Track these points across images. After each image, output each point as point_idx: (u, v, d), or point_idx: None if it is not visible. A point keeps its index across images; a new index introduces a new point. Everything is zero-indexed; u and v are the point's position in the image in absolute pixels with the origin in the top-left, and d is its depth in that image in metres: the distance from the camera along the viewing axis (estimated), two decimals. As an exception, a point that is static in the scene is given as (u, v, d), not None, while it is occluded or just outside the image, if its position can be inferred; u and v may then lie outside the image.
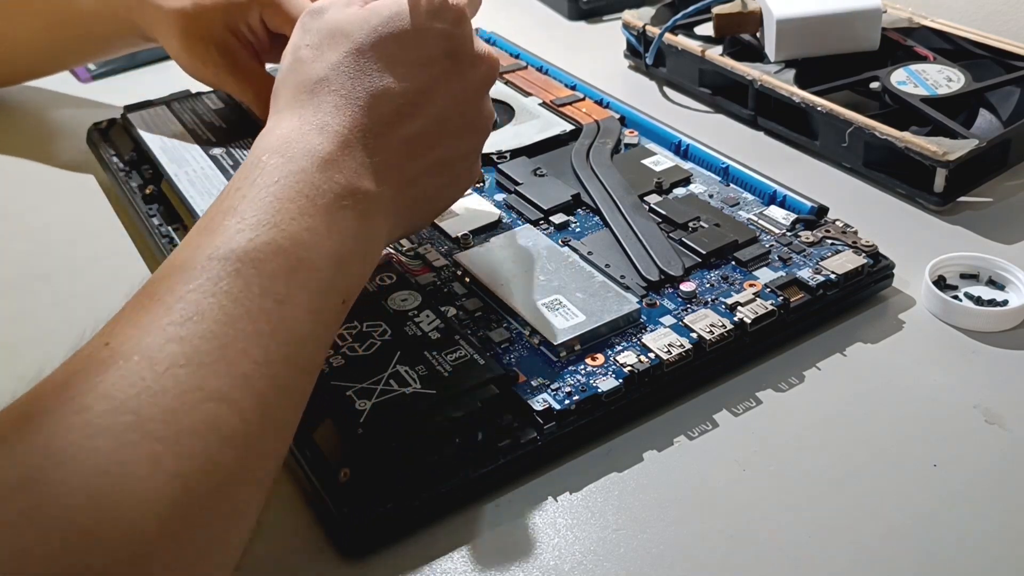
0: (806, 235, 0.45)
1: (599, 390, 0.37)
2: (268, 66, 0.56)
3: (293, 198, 0.33)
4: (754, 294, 0.41)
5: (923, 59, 0.59)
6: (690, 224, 0.46)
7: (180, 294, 0.29)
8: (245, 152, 0.54)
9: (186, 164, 0.53)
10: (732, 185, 0.50)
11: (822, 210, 0.47)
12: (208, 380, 0.28)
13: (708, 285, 0.42)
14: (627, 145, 0.54)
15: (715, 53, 0.62)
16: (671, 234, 0.46)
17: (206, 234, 0.31)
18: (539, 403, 0.36)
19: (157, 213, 0.51)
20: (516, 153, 0.53)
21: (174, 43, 0.55)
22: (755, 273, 0.43)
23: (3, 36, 0.63)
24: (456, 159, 0.40)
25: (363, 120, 0.36)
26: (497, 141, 0.54)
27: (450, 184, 0.41)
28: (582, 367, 0.38)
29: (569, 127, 0.55)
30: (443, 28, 0.38)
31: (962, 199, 0.51)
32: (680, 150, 0.53)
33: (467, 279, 0.43)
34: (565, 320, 0.39)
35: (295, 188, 0.33)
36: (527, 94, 0.60)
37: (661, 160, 0.52)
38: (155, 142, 0.55)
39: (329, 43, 0.37)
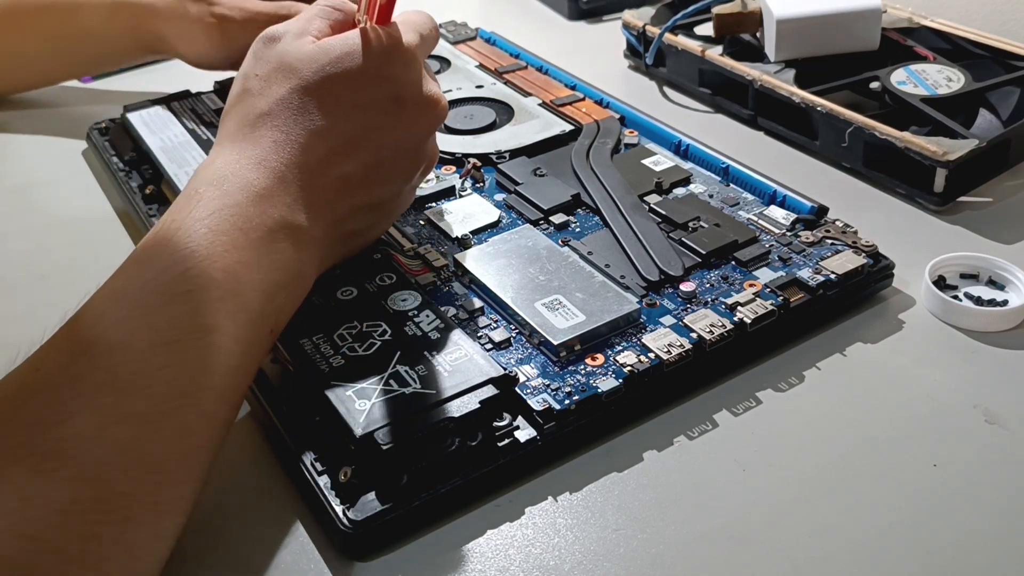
0: (806, 235, 0.45)
1: (599, 390, 0.37)
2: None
3: (227, 231, 0.33)
4: (754, 294, 0.41)
5: (923, 59, 0.59)
6: (690, 224, 0.46)
7: (111, 323, 0.30)
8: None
9: (186, 164, 0.53)
10: (732, 185, 0.50)
11: (822, 210, 0.47)
12: (130, 405, 0.29)
13: (708, 285, 0.42)
14: (627, 145, 0.54)
15: (715, 53, 0.62)
16: (671, 234, 0.46)
17: (142, 265, 0.33)
18: (539, 403, 0.36)
19: (157, 213, 0.51)
20: (516, 153, 0.53)
21: (187, 37, 0.57)
22: (755, 273, 0.43)
23: (11, 50, 0.63)
24: (389, 198, 0.41)
25: (300, 158, 0.36)
26: (497, 141, 0.54)
27: (380, 220, 0.42)
28: (582, 367, 0.38)
29: (569, 127, 0.55)
30: (391, 71, 0.38)
31: (962, 199, 0.51)
32: (680, 150, 0.53)
33: (467, 279, 0.43)
34: (565, 320, 0.39)
35: (229, 221, 0.34)
36: (527, 94, 0.60)
37: (661, 160, 0.52)
38: (155, 142, 0.55)
39: (276, 77, 0.38)
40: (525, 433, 0.36)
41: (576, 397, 0.37)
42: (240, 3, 0.57)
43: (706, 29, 0.66)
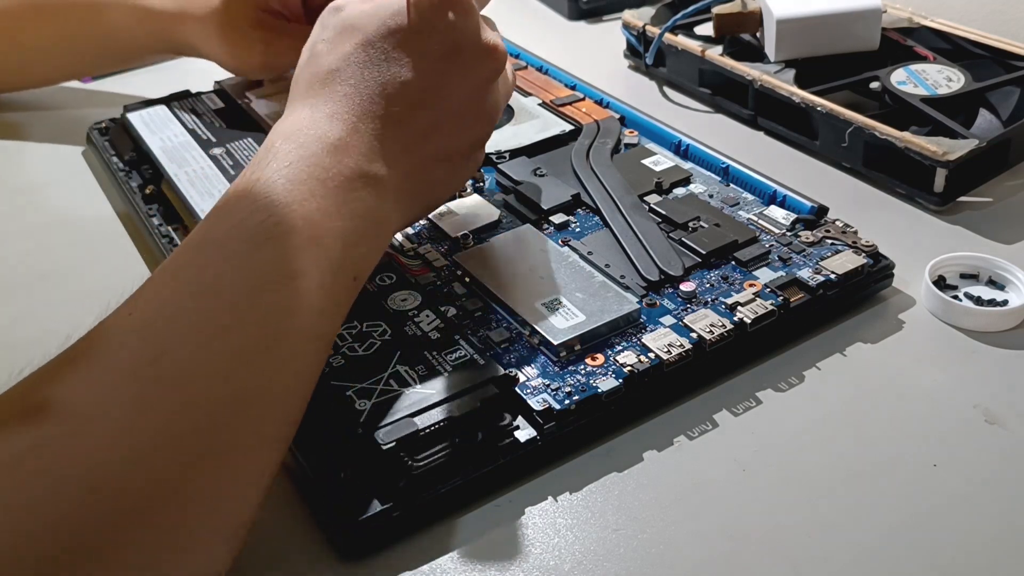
0: (806, 235, 0.45)
1: (599, 390, 0.37)
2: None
3: (304, 180, 0.34)
4: (754, 294, 0.41)
5: (923, 59, 0.59)
6: (690, 224, 0.46)
7: (199, 268, 0.32)
8: (245, 152, 0.54)
9: (186, 164, 0.53)
10: (732, 185, 0.50)
11: (822, 210, 0.47)
12: (226, 344, 0.30)
13: (708, 285, 0.42)
14: (627, 145, 0.54)
15: (715, 53, 0.62)
16: (671, 234, 0.46)
17: (223, 215, 0.34)
18: (539, 403, 0.36)
19: (157, 213, 0.51)
20: (516, 153, 0.53)
21: (214, 43, 0.57)
22: (755, 273, 0.43)
23: (21, 43, 0.63)
24: (460, 148, 0.41)
25: (371, 108, 0.37)
26: (497, 141, 0.54)
27: (454, 172, 0.42)
28: (582, 367, 0.38)
29: (569, 127, 0.55)
30: (449, 22, 0.39)
31: (962, 199, 0.51)
32: (680, 150, 0.53)
33: (467, 279, 0.43)
34: (565, 320, 0.39)
35: (306, 171, 0.34)
36: (527, 94, 0.60)
37: (661, 160, 0.52)
38: (155, 142, 0.55)
39: (342, 37, 0.39)
40: (525, 433, 0.36)
41: (576, 397, 0.37)
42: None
43: (706, 29, 0.66)
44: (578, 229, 0.47)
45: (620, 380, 0.37)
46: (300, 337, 0.32)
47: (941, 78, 0.56)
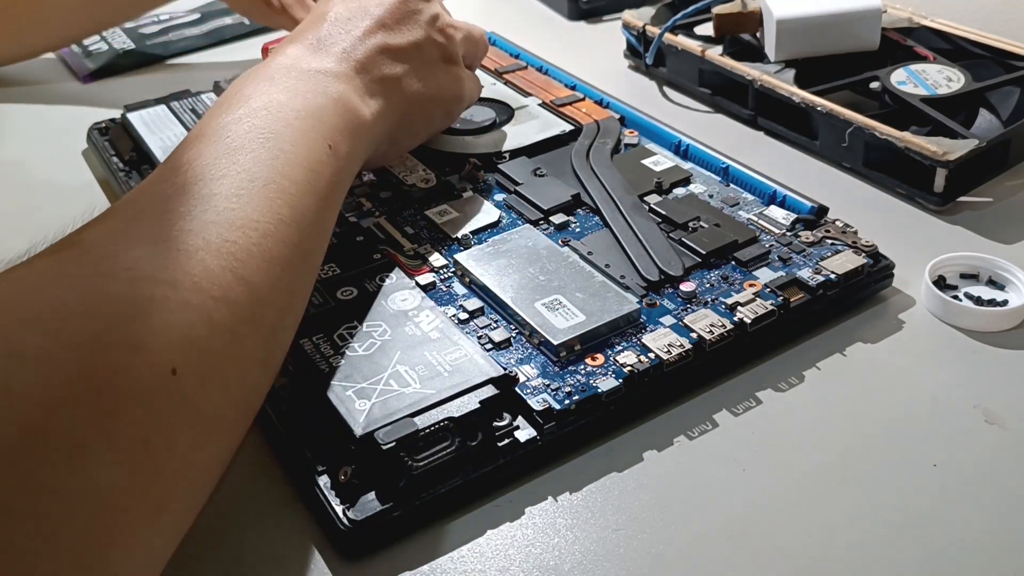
0: (806, 235, 0.45)
1: (599, 390, 0.37)
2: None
3: (266, 78, 0.40)
4: (754, 294, 0.41)
5: (923, 59, 0.59)
6: (690, 224, 0.46)
7: (182, 152, 0.36)
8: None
9: (186, 164, 0.52)
10: (732, 185, 0.50)
11: (822, 210, 0.47)
12: (221, 187, 0.33)
13: (708, 285, 0.42)
14: (627, 145, 0.54)
15: (715, 53, 0.62)
16: (671, 234, 0.46)
17: (203, 119, 0.38)
18: (539, 403, 0.36)
19: (157, 213, 0.51)
20: (516, 153, 0.53)
21: None
22: (755, 273, 0.43)
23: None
24: (410, 46, 0.46)
25: (313, 30, 0.45)
26: (497, 141, 0.54)
27: (419, 75, 0.47)
28: (582, 367, 0.38)
29: (569, 127, 0.55)
30: None
31: (962, 199, 0.51)
32: (680, 150, 0.53)
33: (467, 279, 0.43)
34: (565, 320, 0.39)
35: (265, 73, 0.41)
36: (527, 94, 0.60)
37: (661, 160, 0.52)
38: (155, 142, 0.55)
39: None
40: (525, 433, 0.36)
41: (576, 397, 0.37)
42: None
43: (706, 29, 0.66)
44: (578, 229, 0.47)
45: (620, 380, 0.37)
46: (296, 189, 0.35)
47: (941, 78, 0.56)
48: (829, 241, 0.45)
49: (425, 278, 0.44)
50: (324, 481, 0.34)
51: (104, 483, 0.25)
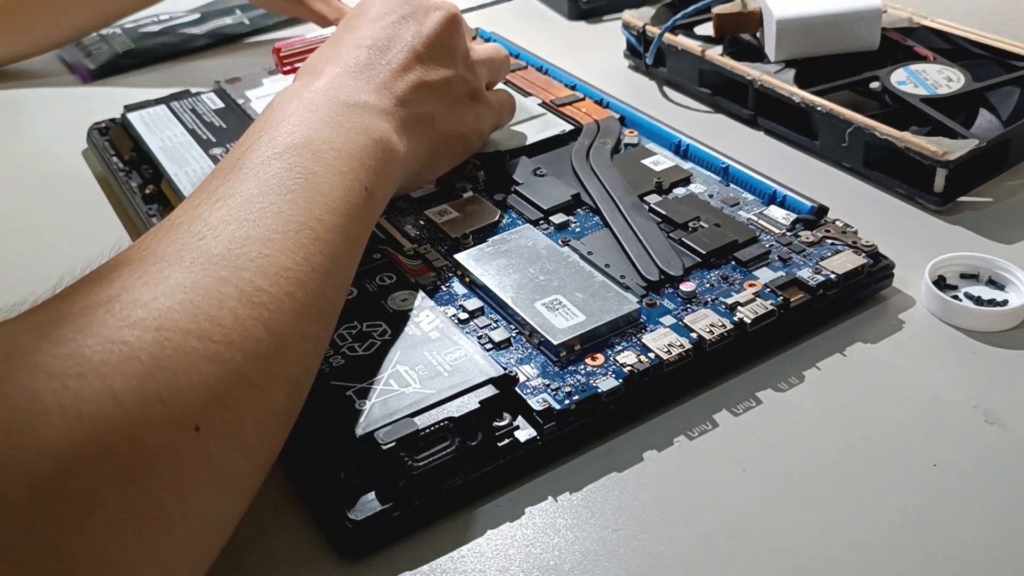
0: (806, 235, 0.45)
1: (599, 390, 0.37)
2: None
3: (300, 111, 0.39)
4: (754, 294, 0.41)
5: (923, 59, 0.59)
6: (690, 224, 0.46)
7: (220, 181, 0.35)
8: (245, 152, 0.54)
9: (186, 164, 0.53)
10: (732, 185, 0.50)
11: (822, 210, 0.47)
12: (255, 230, 0.32)
13: (708, 285, 0.42)
14: (627, 145, 0.54)
15: (715, 53, 0.62)
16: (671, 234, 0.46)
17: (238, 148, 0.38)
18: (539, 403, 0.36)
19: (157, 213, 0.51)
20: (516, 153, 0.53)
21: None
22: (755, 273, 0.43)
23: None
24: (444, 82, 0.46)
25: (346, 62, 0.44)
26: (497, 141, 0.54)
27: (453, 107, 0.47)
28: (582, 367, 0.38)
29: (569, 127, 0.55)
30: None
31: (962, 199, 0.51)
32: (680, 150, 0.53)
33: (467, 279, 0.43)
34: (565, 320, 0.39)
35: (301, 106, 0.40)
36: (527, 94, 0.60)
37: (661, 160, 0.52)
38: (155, 142, 0.55)
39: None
40: (525, 433, 0.36)
41: (576, 397, 0.37)
42: None
43: (706, 29, 0.66)
44: (578, 229, 0.47)
45: (620, 380, 0.37)
46: (323, 226, 0.35)
47: (941, 78, 0.56)
48: (829, 241, 0.45)
49: (425, 278, 0.44)
50: (324, 481, 0.34)
51: (114, 548, 0.24)
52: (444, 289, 0.43)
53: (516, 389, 0.37)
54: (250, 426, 0.29)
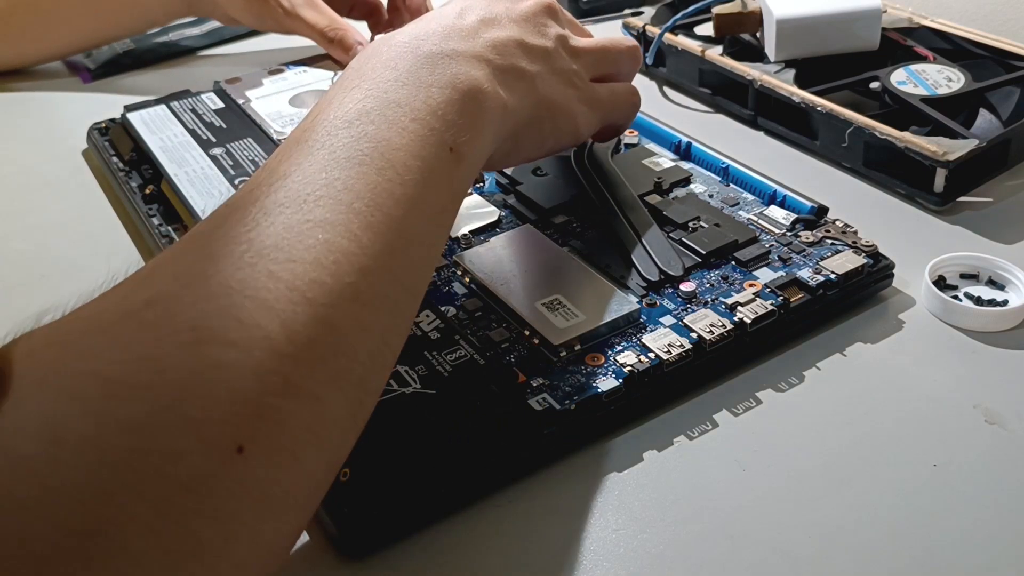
0: (806, 235, 0.45)
1: (599, 390, 0.37)
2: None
3: (380, 69, 0.35)
4: (754, 294, 0.41)
5: (923, 59, 0.59)
6: (690, 224, 0.46)
7: (283, 157, 0.32)
8: (245, 152, 0.54)
9: (186, 164, 0.53)
10: (732, 185, 0.50)
11: (822, 210, 0.47)
12: (315, 212, 0.29)
13: (708, 285, 0.42)
14: (627, 145, 0.54)
15: (715, 53, 0.62)
16: (671, 234, 0.46)
17: (308, 117, 0.34)
18: (539, 403, 0.36)
19: (157, 213, 0.51)
20: (516, 153, 0.53)
21: (237, 5, 0.66)
22: (755, 273, 0.43)
23: (41, 8, 0.66)
24: (542, 49, 0.41)
25: (431, 23, 0.39)
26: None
27: (555, 75, 0.42)
28: (582, 367, 0.38)
29: (569, 127, 0.55)
30: None
31: (962, 199, 0.51)
32: (680, 150, 0.53)
33: (467, 279, 0.43)
34: (565, 320, 0.39)
35: (381, 63, 0.36)
36: (527, 94, 0.60)
37: (661, 160, 0.52)
38: (155, 142, 0.55)
39: None
40: (525, 432, 0.36)
41: (576, 397, 0.37)
42: None
43: (706, 29, 0.66)
44: (578, 229, 0.47)
45: (620, 380, 0.37)
46: (391, 201, 0.31)
47: (941, 78, 0.56)
48: (829, 241, 0.45)
49: (425, 278, 0.44)
50: (324, 481, 0.34)
51: None
52: (444, 289, 0.43)
53: (516, 389, 0.37)
54: (304, 441, 0.26)
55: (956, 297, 0.44)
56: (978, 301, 0.43)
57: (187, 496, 0.23)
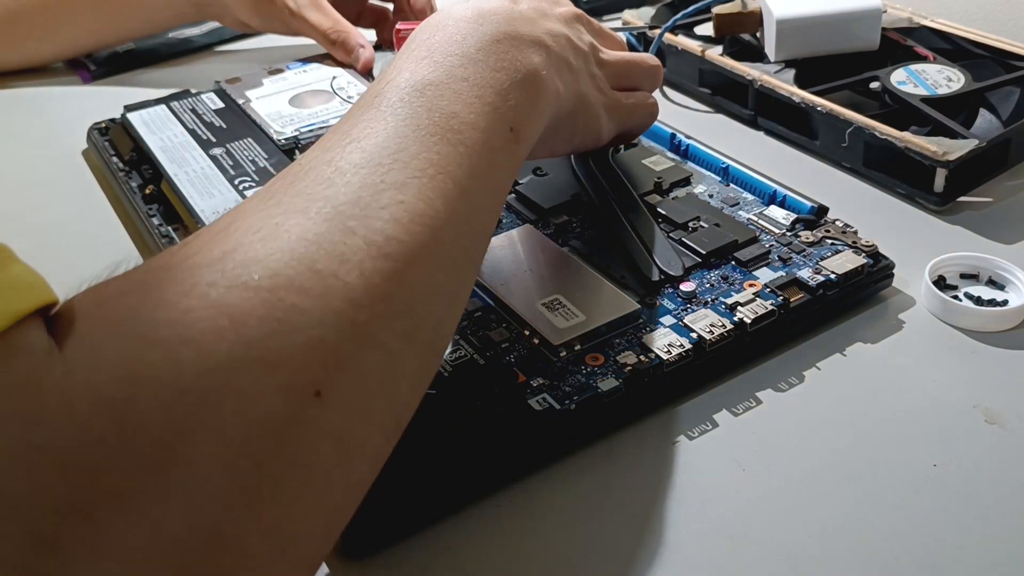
0: (806, 235, 0.45)
1: (599, 390, 0.37)
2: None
3: (439, 48, 0.36)
4: (754, 294, 0.41)
5: (923, 59, 0.59)
6: (690, 224, 0.46)
7: (356, 120, 0.33)
8: (245, 152, 0.54)
9: (186, 164, 0.53)
10: (732, 185, 0.50)
11: (822, 210, 0.47)
12: (390, 175, 0.30)
13: (708, 285, 0.42)
14: (627, 145, 0.54)
15: (715, 53, 0.62)
16: (671, 234, 0.46)
17: (379, 82, 0.35)
18: (539, 403, 0.36)
19: (157, 213, 0.51)
20: (516, 153, 0.53)
21: (245, 7, 0.67)
22: (755, 273, 0.43)
23: (50, 7, 0.66)
24: (578, 48, 0.43)
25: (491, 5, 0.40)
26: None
27: (590, 76, 0.43)
28: (582, 367, 0.38)
29: (569, 127, 0.55)
30: None
31: (962, 199, 0.51)
32: (680, 150, 0.53)
33: (467, 279, 0.43)
34: (565, 320, 0.39)
35: (443, 42, 0.37)
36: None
37: (661, 160, 0.52)
38: (155, 142, 0.55)
39: None
40: (525, 432, 0.36)
41: (576, 397, 0.37)
42: None
43: (706, 29, 0.66)
44: (578, 229, 0.47)
45: (620, 380, 0.37)
46: (460, 170, 0.32)
47: (941, 78, 0.56)
48: (829, 241, 0.45)
49: (425, 278, 0.44)
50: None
51: (224, 527, 0.23)
52: (444, 289, 0.43)
53: (516, 389, 0.37)
54: (378, 392, 0.27)
55: (956, 297, 0.44)
56: (978, 301, 0.43)
57: (265, 437, 0.24)
